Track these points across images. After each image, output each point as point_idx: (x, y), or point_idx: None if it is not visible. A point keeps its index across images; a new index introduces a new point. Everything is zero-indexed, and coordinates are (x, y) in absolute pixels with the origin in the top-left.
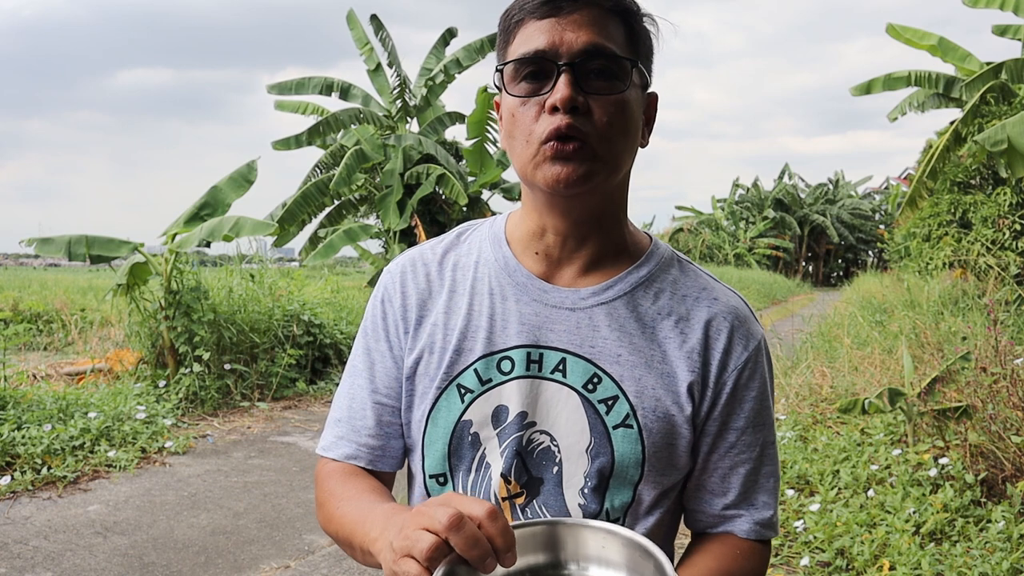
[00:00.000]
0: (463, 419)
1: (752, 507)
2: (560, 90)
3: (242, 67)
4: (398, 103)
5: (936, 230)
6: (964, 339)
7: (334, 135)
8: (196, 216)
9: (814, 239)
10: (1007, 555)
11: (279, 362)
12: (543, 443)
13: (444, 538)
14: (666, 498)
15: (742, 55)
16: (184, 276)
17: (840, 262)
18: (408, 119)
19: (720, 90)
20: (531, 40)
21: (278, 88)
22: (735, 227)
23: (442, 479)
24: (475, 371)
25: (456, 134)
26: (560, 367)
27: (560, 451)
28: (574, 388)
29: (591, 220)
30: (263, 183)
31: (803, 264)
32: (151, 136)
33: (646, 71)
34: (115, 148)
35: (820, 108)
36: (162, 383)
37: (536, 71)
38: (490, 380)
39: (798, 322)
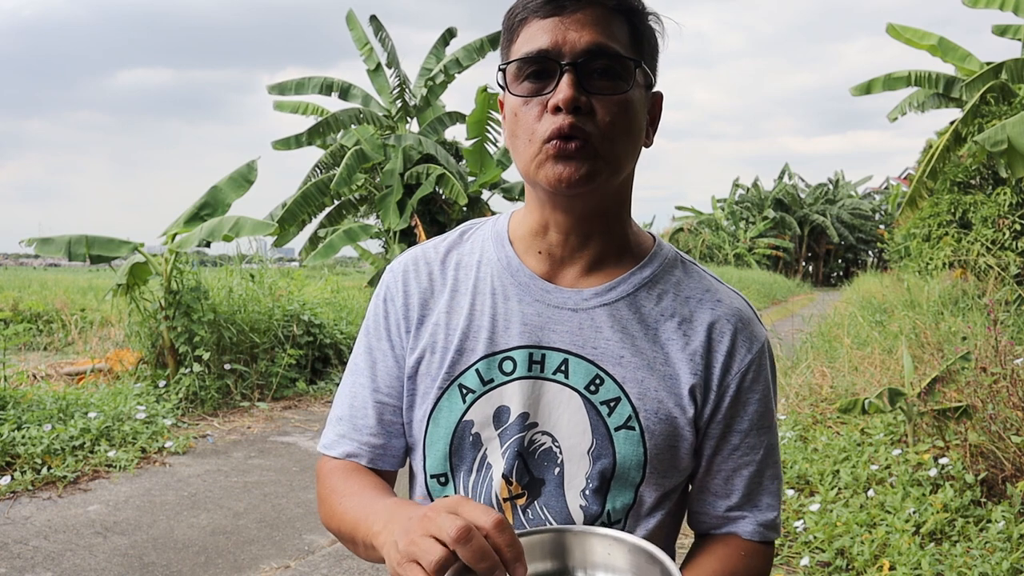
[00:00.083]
0: (464, 419)
1: (756, 509)
2: (563, 90)
3: (242, 67)
4: (398, 103)
5: (936, 230)
6: (964, 339)
7: (334, 135)
8: (196, 216)
9: (814, 239)
10: (1007, 555)
11: (279, 362)
12: (545, 444)
13: (452, 550)
14: (668, 500)
15: (742, 55)
16: (184, 276)
17: (840, 262)
18: (408, 119)
19: (720, 90)
20: (534, 39)
21: (278, 88)
22: (735, 227)
23: (443, 479)
24: (477, 371)
25: (456, 134)
26: (562, 368)
27: (562, 452)
28: (576, 389)
29: (594, 219)
30: (263, 183)
31: (803, 264)
32: (151, 136)
33: (650, 71)
34: (115, 148)
35: (820, 108)
36: (162, 383)
37: (539, 70)
38: (492, 380)
39: (798, 322)
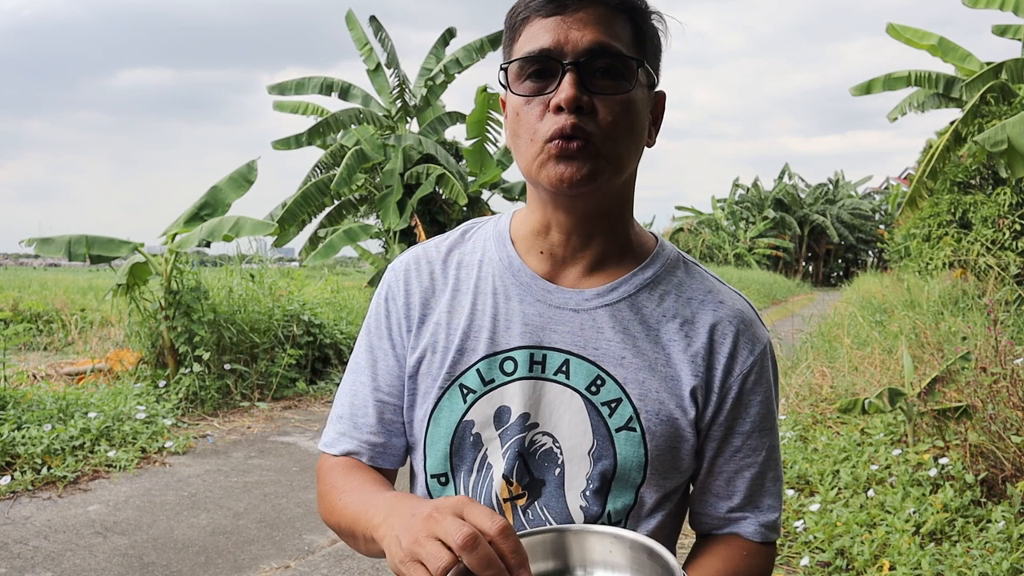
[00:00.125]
0: (465, 419)
1: (757, 510)
2: (565, 90)
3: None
4: (398, 103)
5: (936, 230)
6: (964, 339)
7: (334, 135)
8: (196, 216)
9: (814, 239)
10: (1007, 555)
11: (279, 362)
12: (545, 445)
13: (457, 556)
14: (668, 501)
15: (742, 55)
16: (184, 276)
17: (840, 262)
18: (408, 119)
19: (720, 90)
20: (536, 38)
21: (278, 88)
22: (735, 227)
23: (443, 479)
24: (477, 371)
25: (456, 134)
26: (563, 368)
27: (562, 453)
28: (577, 390)
29: (596, 217)
30: (263, 183)
31: (803, 264)
32: (151, 136)
33: (653, 70)
34: (115, 148)
35: (820, 108)
36: (162, 383)
37: (541, 70)
38: (492, 381)
39: (798, 322)
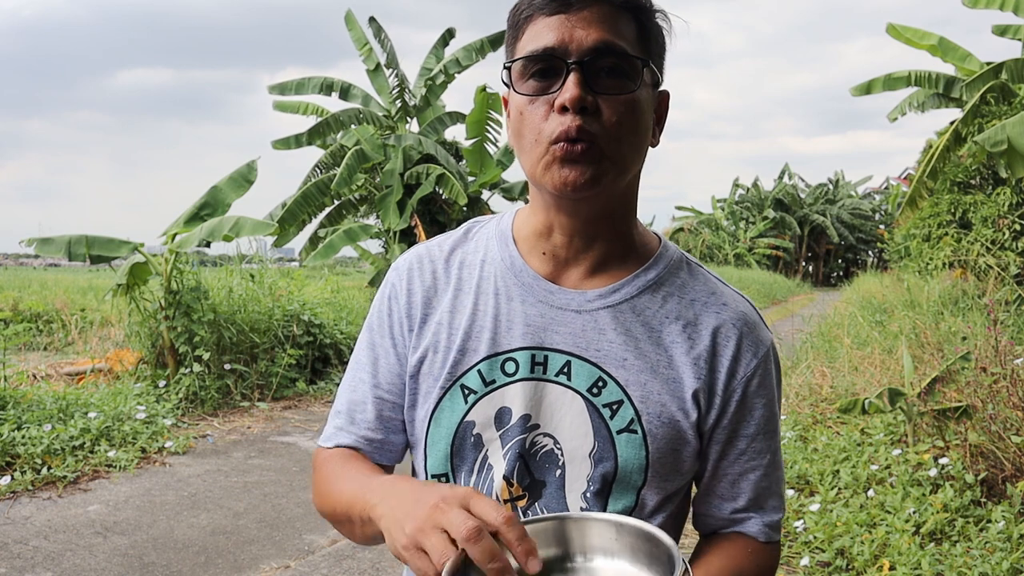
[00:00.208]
0: (466, 420)
1: (762, 510)
2: (569, 89)
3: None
4: (398, 103)
5: (936, 230)
6: (964, 339)
7: (334, 135)
8: (196, 216)
9: (814, 239)
10: (1007, 555)
11: (279, 362)
12: (546, 446)
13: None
14: (670, 502)
15: (742, 55)
16: (184, 276)
17: (840, 262)
18: (408, 119)
19: (720, 90)
20: (540, 37)
21: (278, 88)
22: (735, 227)
23: (444, 479)
24: (479, 372)
25: (456, 134)
26: (565, 370)
27: (563, 454)
28: (579, 391)
29: (599, 220)
30: (263, 183)
31: (803, 264)
32: (151, 136)
33: (657, 69)
34: (115, 148)
35: (820, 108)
36: (162, 383)
37: (545, 69)
38: (494, 381)
39: (798, 322)
